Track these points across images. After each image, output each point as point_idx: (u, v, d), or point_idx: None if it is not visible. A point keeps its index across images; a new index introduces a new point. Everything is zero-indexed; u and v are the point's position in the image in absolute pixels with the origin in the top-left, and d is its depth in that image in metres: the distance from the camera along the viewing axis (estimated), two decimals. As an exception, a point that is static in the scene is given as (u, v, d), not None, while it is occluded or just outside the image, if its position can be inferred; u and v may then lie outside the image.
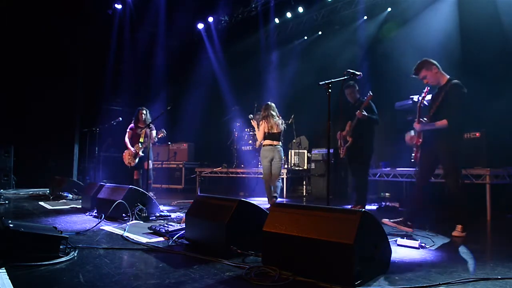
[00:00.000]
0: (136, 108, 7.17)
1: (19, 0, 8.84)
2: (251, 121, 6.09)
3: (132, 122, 7.05)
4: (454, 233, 3.74)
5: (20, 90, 9.30)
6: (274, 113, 5.77)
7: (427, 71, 3.84)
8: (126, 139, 6.92)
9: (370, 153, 5.29)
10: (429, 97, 4.04)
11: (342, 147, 5.45)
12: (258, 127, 5.82)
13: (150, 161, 6.48)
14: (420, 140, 3.91)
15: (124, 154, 6.93)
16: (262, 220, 2.64)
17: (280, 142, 5.81)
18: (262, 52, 10.06)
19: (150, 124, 6.40)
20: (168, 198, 7.29)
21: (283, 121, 5.91)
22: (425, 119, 3.89)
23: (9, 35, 8.85)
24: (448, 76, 3.86)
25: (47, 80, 9.36)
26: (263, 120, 5.75)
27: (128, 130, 7.01)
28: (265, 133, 5.72)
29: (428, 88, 3.91)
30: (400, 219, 3.89)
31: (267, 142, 5.73)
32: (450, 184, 3.81)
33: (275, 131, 5.70)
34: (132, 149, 6.79)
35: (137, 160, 6.78)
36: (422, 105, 3.90)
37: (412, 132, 4.06)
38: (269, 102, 5.90)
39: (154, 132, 6.72)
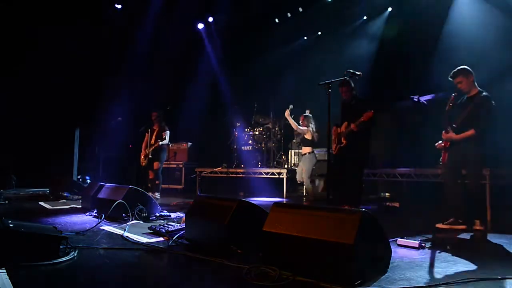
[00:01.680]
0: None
1: (20, 1, 8.85)
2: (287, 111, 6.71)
3: None
4: (475, 227, 3.94)
5: (21, 90, 9.29)
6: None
7: (464, 77, 4.05)
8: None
9: (365, 153, 5.09)
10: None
11: (335, 144, 5.36)
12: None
13: (157, 162, 7.04)
14: (448, 143, 4.13)
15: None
16: (262, 220, 2.63)
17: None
18: (262, 52, 10.04)
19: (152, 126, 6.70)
20: (168, 198, 7.29)
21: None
22: (454, 125, 4.07)
23: (10, 35, 8.85)
24: (479, 89, 4.04)
25: (48, 80, 9.35)
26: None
27: None
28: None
29: (453, 95, 4.12)
30: (451, 219, 4.05)
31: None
32: (471, 184, 4.00)
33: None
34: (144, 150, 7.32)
35: (146, 160, 7.23)
36: (448, 108, 4.13)
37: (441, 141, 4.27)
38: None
39: (164, 134, 7.14)
